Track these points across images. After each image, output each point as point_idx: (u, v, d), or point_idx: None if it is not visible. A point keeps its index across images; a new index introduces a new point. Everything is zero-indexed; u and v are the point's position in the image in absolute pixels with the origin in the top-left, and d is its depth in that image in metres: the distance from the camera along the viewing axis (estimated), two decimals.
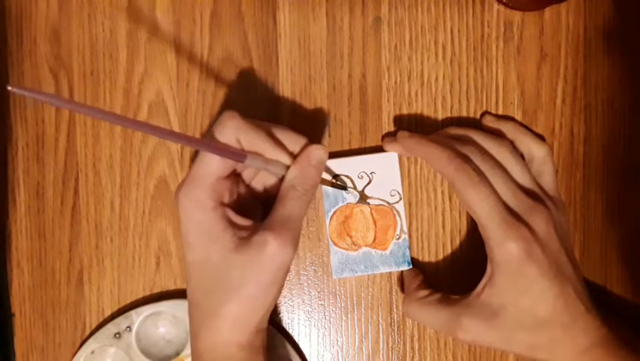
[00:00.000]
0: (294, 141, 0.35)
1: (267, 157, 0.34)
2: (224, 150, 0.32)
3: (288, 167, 0.35)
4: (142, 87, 0.41)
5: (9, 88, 0.24)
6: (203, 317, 0.33)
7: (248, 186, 0.37)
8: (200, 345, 0.33)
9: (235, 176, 0.35)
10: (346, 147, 0.41)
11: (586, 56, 0.41)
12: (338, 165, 0.40)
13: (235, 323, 0.32)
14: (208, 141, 0.33)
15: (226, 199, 0.34)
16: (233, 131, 0.33)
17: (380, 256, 0.40)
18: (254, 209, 0.37)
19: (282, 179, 0.35)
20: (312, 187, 0.34)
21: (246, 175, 0.36)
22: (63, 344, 0.41)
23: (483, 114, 0.41)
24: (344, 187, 0.39)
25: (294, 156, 0.35)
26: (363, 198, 0.40)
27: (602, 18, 0.41)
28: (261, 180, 0.37)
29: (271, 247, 0.31)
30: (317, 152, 0.35)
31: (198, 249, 0.33)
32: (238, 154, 0.32)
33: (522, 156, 0.39)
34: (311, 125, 0.41)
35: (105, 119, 0.28)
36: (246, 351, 0.33)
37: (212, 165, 0.33)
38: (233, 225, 0.33)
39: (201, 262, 0.33)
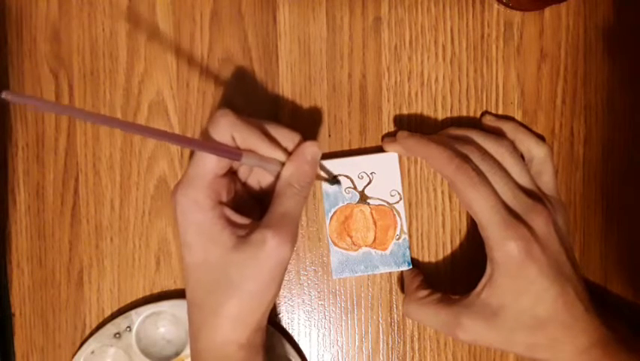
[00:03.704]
0: (287, 138, 0.35)
1: (261, 155, 0.34)
2: (219, 149, 0.32)
3: (283, 164, 0.34)
4: (142, 87, 0.41)
5: (2, 95, 0.23)
6: (203, 317, 0.33)
7: (244, 184, 0.37)
8: (200, 345, 0.33)
9: (232, 174, 0.35)
10: (346, 147, 0.41)
11: (586, 56, 0.41)
12: (338, 165, 0.40)
13: (235, 322, 0.32)
14: (202, 140, 0.33)
15: (224, 198, 0.34)
16: (228, 128, 0.33)
17: (380, 256, 0.40)
18: (251, 206, 0.37)
19: (277, 176, 0.35)
20: (309, 183, 0.34)
21: (242, 173, 0.36)
22: (63, 344, 0.41)
23: (483, 114, 0.41)
24: (337, 182, 0.39)
25: (288, 153, 0.35)
26: (363, 198, 0.40)
27: (602, 18, 0.41)
28: (255, 177, 0.37)
29: (270, 245, 0.31)
30: (311, 148, 0.35)
31: (197, 249, 0.33)
32: (234, 153, 0.32)
33: (522, 156, 0.39)
34: (311, 125, 0.41)
35: (98, 123, 0.27)
36: (245, 350, 0.33)
37: (209, 164, 0.33)
38: (231, 223, 0.33)
39: (200, 262, 0.33)
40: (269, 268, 0.32)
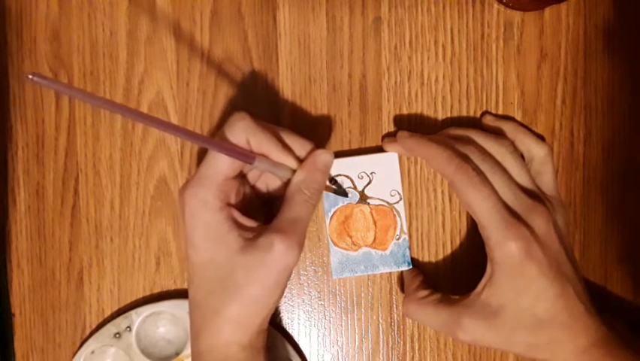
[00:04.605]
0: (300, 146, 0.35)
1: (274, 160, 0.34)
2: (234, 151, 0.32)
3: (294, 171, 0.35)
4: (142, 87, 0.41)
5: (29, 76, 0.24)
6: (205, 317, 0.33)
7: (252, 187, 0.37)
8: (201, 345, 0.33)
9: (241, 177, 0.35)
10: (346, 147, 0.41)
11: (586, 56, 0.41)
12: (338, 165, 0.40)
13: (237, 324, 0.32)
14: (219, 140, 0.33)
15: (232, 200, 0.34)
16: (244, 132, 0.33)
17: (380, 256, 0.40)
18: (257, 210, 0.37)
19: (286, 182, 0.35)
20: (319, 191, 0.35)
21: (251, 176, 0.37)
22: (63, 344, 0.41)
23: (483, 114, 0.41)
24: (345, 194, 0.40)
25: (300, 161, 0.35)
26: (363, 198, 0.40)
27: (602, 18, 0.41)
28: (264, 181, 0.37)
29: (277, 250, 0.32)
30: (323, 156, 0.35)
31: (203, 250, 0.33)
32: (247, 155, 0.33)
33: (522, 156, 0.39)
34: (311, 125, 0.41)
35: (121, 113, 0.28)
36: (247, 352, 0.33)
37: (222, 165, 0.33)
38: (238, 226, 0.33)
39: (206, 262, 0.33)
40: (275, 272, 0.32)
